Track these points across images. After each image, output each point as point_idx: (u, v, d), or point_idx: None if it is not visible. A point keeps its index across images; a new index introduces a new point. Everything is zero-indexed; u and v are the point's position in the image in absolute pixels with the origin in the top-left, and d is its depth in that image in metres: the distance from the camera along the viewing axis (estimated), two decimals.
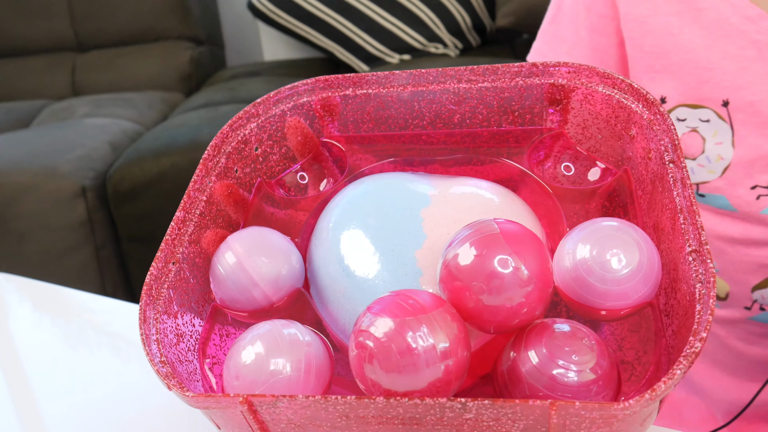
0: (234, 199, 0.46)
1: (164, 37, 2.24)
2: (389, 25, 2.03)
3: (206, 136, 1.63)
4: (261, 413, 0.32)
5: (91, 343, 0.68)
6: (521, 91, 0.47)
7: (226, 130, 0.47)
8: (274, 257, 0.41)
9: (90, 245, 1.60)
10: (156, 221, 1.60)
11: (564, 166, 0.47)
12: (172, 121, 1.81)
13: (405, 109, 0.49)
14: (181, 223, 0.42)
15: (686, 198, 0.37)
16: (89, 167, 1.63)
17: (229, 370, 0.36)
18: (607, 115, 0.45)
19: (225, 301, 0.41)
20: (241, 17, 2.42)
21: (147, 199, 1.59)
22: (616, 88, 0.45)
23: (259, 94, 1.92)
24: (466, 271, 0.34)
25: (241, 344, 0.37)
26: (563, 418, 0.30)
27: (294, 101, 0.49)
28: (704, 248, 0.34)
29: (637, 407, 0.29)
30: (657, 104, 0.42)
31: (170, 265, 0.40)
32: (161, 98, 2.10)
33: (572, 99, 0.46)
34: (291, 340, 0.36)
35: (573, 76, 0.46)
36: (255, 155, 0.48)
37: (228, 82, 2.10)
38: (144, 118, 1.95)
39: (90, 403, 0.58)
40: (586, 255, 0.36)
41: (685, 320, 0.34)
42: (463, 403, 0.30)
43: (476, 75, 0.47)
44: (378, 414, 0.31)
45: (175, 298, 0.39)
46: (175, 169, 1.57)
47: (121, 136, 1.80)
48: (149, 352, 0.36)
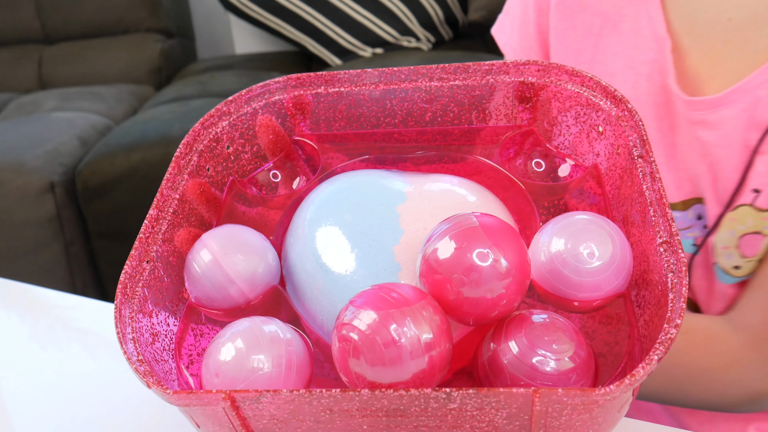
0: (206, 197, 0.46)
1: (134, 30, 2.20)
2: (362, 18, 2.03)
3: (177, 130, 1.61)
4: (243, 409, 0.32)
5: (61, 341, 0.67)
6: (492, 89, 0.47)
7: (197, 128, 0.47)
8: (250, 254, 0.41)
9: (59, 242, 1.58)
10: (127, 217, 1.58)
11: (535, 162, 0.48)
12: (142, 115, 1.79)
13: (377, 108, 0.49)
14: (154, 221, 0.41)
15: (656, 191, 0.38)
16: (58, 162, 1.60)
17: (209, 368, 0.36)
18: (576, 112, 0.46)
19: (200, 299, 0.41)
20: (212, 9, 2.40)
21: (117, 195, 1.57)
22: (585, 86, 0.45)
23: (230, 88, 1.91)
24: (446, 264, 0.35)
25: (221, 341, 0.36)
26: (546, 405, 0.30)
27: (266, 99, 0.49)
28: (675, 239, 0.35)
29: (618, 392, 0.30)
30: (625, 101, 0.43)
31: (144, 263, 0.40)
32: (131, 92, 2.07)
33: (541, 96, 0.47)
34: (271, 337, 0.36)
35: (542, 74, 0.46)
36: (227, 153, 0.48)
37: (199, 76, 2.07)
38: (113, 112, 1.92)
39: (60, 400, 0.57)
40: (561, 248, 0.37)
41: (658, 310, 0.34)
42: (448, 393, 0.30)
43: (447, 73, 0.47)
44: (362, 407, 0.31)
45: (149, 296, 0.39)
46: (146, 164, 1.56)
47: (90, 131, 1.77)
48: (126, 351, 0.35)
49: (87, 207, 1.59)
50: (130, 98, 2.03)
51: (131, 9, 2.18)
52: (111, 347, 0.64)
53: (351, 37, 2.04)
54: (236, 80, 1.97)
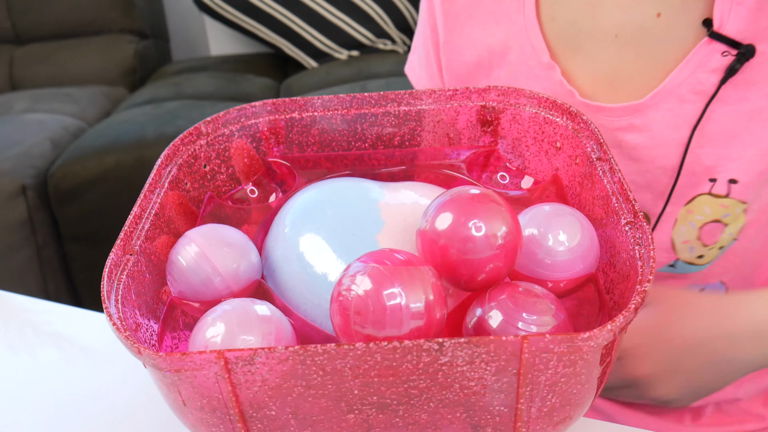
0: (184, 210, 0.48)
1: (107, 30, 2.18)
2: (337, 20, 2.03)
3: (152, 133, 1.60)
4: (235, 373, 0.33)
5: (33, 345, 0.67)
6: (456, 113, 0.51)
7: (177, 143, 0.49)
8: (235, 248, 0.43)
9: (31, 246, 1.56)
10: (100, 220, 1.57)
11: (500, 175, 0.51)
12: (116, 117, 1.77)
13: (348, 132, 0.52)
14: (138, 218, 0.43)
15: (617, 182, 0.41)
16: (29, 165, 1.58)
17: (196, 344, 0.37)
18: (535, 132, 0.49)
19: (185, 293, 0.42)
20: (187, 10, 2.38)
21: (90, 198, 1.55)
22: (542, 106, 0.49)
23: (205, 90, 1.89)
24: (445, 235, 0.37)
25: (210, 318, 0.37)
26: (533, 354, 0.31)
27: (242, 123, 0.51)
28: (639, 216, 0.38)
29: (600, 337, 0.31)
30: (579, 114, 0.46)
31: (128, 255, 0.41)
32: (104, 93, 2.05)
33: (502, 120, 0.50)
34: (261, 315, 0.37)
35: (502, 98, 0.50)
36: (204, 171, 0.50)
37: (173, 77, 2.06)
38: (86, 114, 1.90)
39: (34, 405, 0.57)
40: (534, 232, 0.40)
41: (628, 282, 0.37)
42: (440, 344, 0.31)
43: (415, 98, 0.51)
44: (355, 364, 0.32)
45: (133, 287, 0.40)
46: (120, 167, 1.54)
47: (63, 133, 1.75)
48: (115, 322, 0.36)
49: (59, 210, 1.57)
50: (103, 100, 2.01)
51: (104, 9, 2.16)
52: (84, 350, 0.64)
53: (327, 40, 2.04)
54: (211, 82, 1.96)
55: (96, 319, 0.69)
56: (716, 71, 0.54)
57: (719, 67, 0.54)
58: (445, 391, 0.33)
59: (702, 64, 0.54)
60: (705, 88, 0.54)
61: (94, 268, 1.61)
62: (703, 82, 0.54)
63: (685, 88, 0.55)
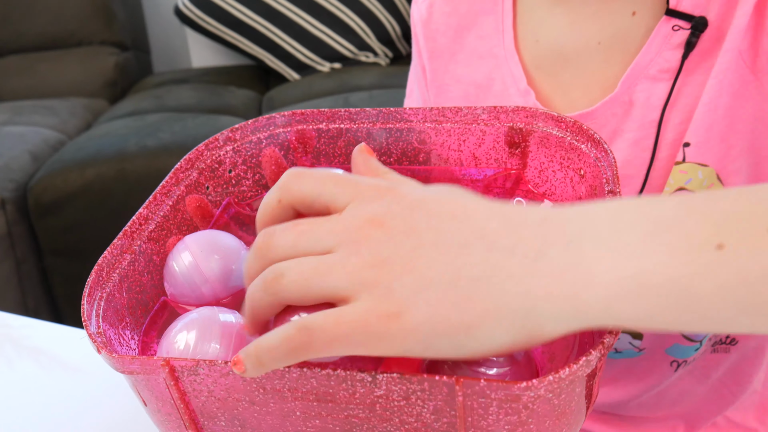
0: (202, 213, 0.49)
1: (87, 42, 2.17)
2: (319, 33, 2.03)
3: (133, 146, 1.59)
4: (182, 381, 0.33)
5: (12, 359, 0.66)
6: (482, 133, 0.50)
7: (201, 148, 0.50)
8: (226, 255, 0.43)
9: (10, 259, 1.54)
10: (81, 234, 1.55)
11: (516, 200, 0.50)
12: (96, 130, 1.76)
13: (373, 145, 0.51)
14: (143, 219, 0.44)
15: None
16: (8, 178, 1.56)
17: (162, 349, 0.38)
18: (561, 156, 0.48)
19: (175, 296, 0.43)
20: (168, 22, 2.37)
21: (71, 212, 1.54)
22: (568, 131, 0.48)
23: (188, 102, 1.89)
24: None
25: (177, 325, 0.38)
26: (469, 398, 0.30)
27: (270, 131, 0.52)
28: None
29: (541, 389, 0.29)
30: (602, 142, 0.45)
31: (125, 254, 0.41)
32: (84, 105, 2.04)
33: (530, 142, 0.49)
34: (224, 324, 0.38)
35: (530, 120, 0.49)
36: (228, 177, 0.51)
37: (155, 90, 2.05)
38: (66, 127, 1.88)
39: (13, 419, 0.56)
40: None
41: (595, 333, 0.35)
42: (373, 376, 0.31)
43: (441, 115, 0.50)
44: (293, 386, 0.32)
45: (125, 286, 0.41)
46: (101, 180, 1.53)
47: (43, 146, 1.73)
48: (86, 319, 0.36)
49: (39, 224, 1.56)
50: (84, 112, 2.00)
51: (85, 21, 2.15)
52: (64, 364, 0.64)
53: (309, 52, 2.04)
54: (193, 94, 1.95)
55: (75, 334, 0.68)
56: (679, 46, 0.55)
57: (681, 42, 0.55)
58: (386, 423, 0.33)
59: (665, 42, 0.55)
60: (672, 65, 0.55)
61: (75, 282, 1.59)
62: (669, 59, 0.55)
63: (654, 68, 0.56)
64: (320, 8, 2.02)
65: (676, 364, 0.65)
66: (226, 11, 2.05)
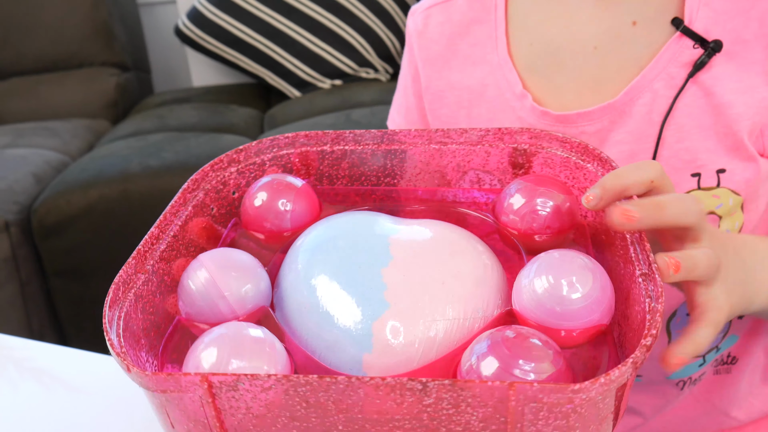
0: (208, 234, 0.49)
1: (88, 63, 2.18)
2: (319, 50, 2.04)
3: (136, 166, 1.59)
4: (219, 398, 0.32)
5: (14, 380, 0.66)
6: (487, 153, 0.50)
7: (206, 169, 0.50)
8: (243, 273, 0.43)
9: (14, 282, 1.54)
10: (84, 255, 1.55)
11: None
12: (99, 151, 1.76)
13: (377, 167, 0.52)
14: (154, 239, 0.44)
15: (635, 232, 0.41)
16: (12, 200, 1.56)
17: (188, 366, 0.37)
18: (565, 176, 0.49)
19: (191, 315, 0.43)
20: (167, 42, 2.39)
21: (75, 233, 1.54)
22: (573, 150, 0.48)
23: (190, 121, 1.89)
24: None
25: (205, 340, 0.37)
26: (521, 403, 0.31)
27: (274, 153, 0.52)
28: (653, 268, 0.37)
29: (592, 391, 0.30)
30: (609, 161, 0.46)
31: (139, 274, 0.41)
32: (86, 126, 2.04)
33: (534, 163, 0.50)
34: (255, 339, 0.37)
35: (534, 141, 0.49)
36: (232, 198, 0.51)
37: (156, 109, 2.06)
38: (69, 148, 1.89)
39: None
40: (544, 281, 0.39)
41: (637, 339, 0.36)
42: (424, 383, 0.30)
43: (446, 137, 0.50)
44: (338, 398, 0.31)
45: (139, 306, 0.40)
46: (104, 201, 1.53)
47: (46, 167, 1.74)
48: (111, 338, 0.36)
49: (43, 246, 1.55)
50: (86, 133, 2.00)
51: (85, 43, 2.16)
52: (66, 384, 0.64)
53: (309, 69, 2.05)
54: (195, 113, 1.96)
55: (76, 355, 0.68)
56: (686, 65, 0.56)
57: (689, 62, 0.56)
58: None
59: (674, 59, 0.56)
60: (676, 82, 0.56)
61: (79, 303, 1.59)
62: (675, 76, 0.56)
63: (659, 82, 0.57)
64: (320, 26, 2.03)
65: (683, 384, 0.65)
66: (226, 30, 2.05)
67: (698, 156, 0.56)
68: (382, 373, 0.38)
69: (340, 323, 0.40)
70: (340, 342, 0.40)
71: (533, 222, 0.46)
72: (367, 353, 0.39)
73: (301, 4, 2.04)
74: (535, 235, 0.46)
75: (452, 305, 0.40)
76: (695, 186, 0.58)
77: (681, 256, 0.40)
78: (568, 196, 0.46)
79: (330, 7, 2.04)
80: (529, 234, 0.47)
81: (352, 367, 0.39)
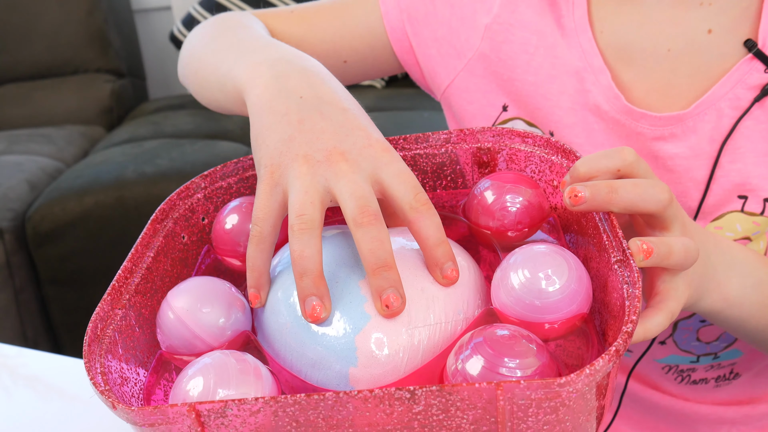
0: (183, 263, 0.48)
1: (83, 70, 2.18)
2: None
3: (131, 173, 1.59)
4: (208, 426, 0.32)
5: (8, 387, 0.66)
6: (452, 156, 0.51)
7: (174, 198, 0.49)
8: (217, 306, 0.42)
9: (8, 289, 1.53)
10: (80, 263, 1.55)
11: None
12: (94, 158, 1.76)
13: None
14: (128, 272, 0.43)
15: (608, 219, 0.42)
16: (6, 207, 1.56)
17: (175, 398, 0.37)
18: (531, 170, 0.50)
19: (171, 348, 0.42)
20: (162, 49, 2.39)
21: (70, 240, 1.53)
22: (536, 145, 0.49)
23: (185, 128, 1.89)
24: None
25: (189, 372, 0.37)
26: (510, 401, 0.31)
27: (239, 175, 0.52)
28: (627, 254, 0.38)
29: (579, 383, 0.31)
30: (573, 152, 0.47)
31: (117, 309, 0.41)
32: (81, 133, 2.04)
33: (498, 160, 0.50)
34: (240, 368, 0.37)
35: (497, 139, 0.50)
36: (202, 224, 0.51)
37: (151, 116, 2.06)
38: (63, 155, 1.88)
39: None
40: (521, 276, 0.39)
41: (617, 326, 0.36)
42: (412, 392, 0.31)
43: (409, 143, 0.51)
44: (328, 414, 0.32)
45: (120, 341, 0.40)
46: (99, 208, 1.53)
47: (40, 174, 1.73)
48: (93, 377, 0.36)
49: (38, 253, 1.55)
50: (81, 140, 2.00)
51: (80, 50, 2.16)
52: (60, 392, 0.64)
53: None
54: (190, 120, 1.96)
55: (70, 363, 0.68)
56: (754, 89, 0.56)
57: (757, 85, 0.56)
58: None
59: (742, 80, 0.56)
60: (742, 103, 0.56)
61: (73, 311, 1.58)
62: (741, 98, 0.56)
63: (725, 102, 0.56)
64: None
65: (668, 368, 0.65)
66: None
67: (749, 180, 0.56)
68: (369, 385, 0.38)
69: (322, 340, 0.40)
70: (325, 358, 0.40)
71: (504, 218, 0.46)
72: (353, 367, 0.39)
73: None
74: (508, 232, 0.47)
75: (433, 310, 0.40)
76: (738, 207, 0.58)
77: (656, 242, 0.40)
78: (536, 190, 0.47)
79: None
80: (502, 231, 0.47)
81: (339, 382, 0.39)
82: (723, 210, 0.58)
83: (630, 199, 0.41)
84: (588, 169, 0.42)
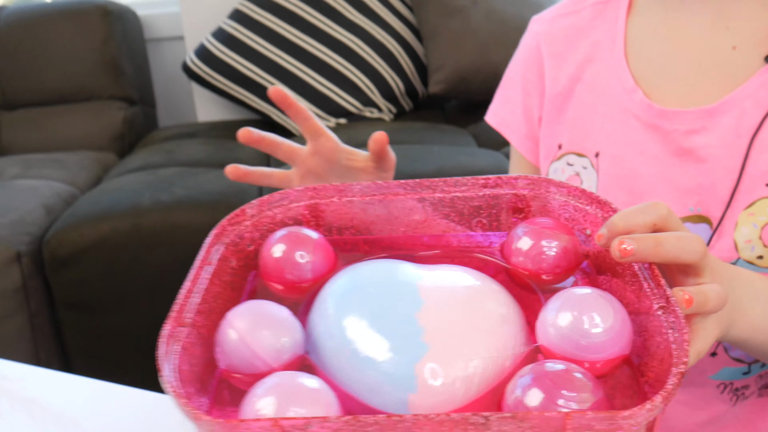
0: (233, 286, 0.51)
1: (96, 97, 2.21)
2: (324, 89, 2.09)
3: (148, 200, 1.61)
4: None
5: (5, 411, 0.66)
6: (488, 200, 0.54)
7: (224, 223, 0.52)
8: (276, 328, 0.45)
9: (24, 312, 1.55)
10: (95, 288, 1.57)
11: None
12: (108, 185, 1.79)
13: (384, 216, 0.55)
14: (188, 293, 0.45)
15: (647, 267, 0.44)
16: (24, 232, 1.58)
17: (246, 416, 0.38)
18: (565, 219, 0.53)
19: (230, 367, 0.44)
20: (173, 77, 2.42)
21: (86, 265, 1.55)
22: (570, 195, 0.52)
23: (198, 157, 1.92)
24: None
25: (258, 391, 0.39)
26: (576, 431, 0.33)
27: (284, 205, 0.55)
28: (671, 301, 0.41)
29: (640, 416, 0.33)
30: (608, 204, 0.50)
31: (180, 328, 0.43)
32: (93, 159, 2.07)
33: (533, 207, 0.54)
34: (310, 388, 0.39)
35: (532, 186, 0.53)
36: (248, 251, 0.53)
37: (163, 144, 2.09)
38: (77, 180, 1.91)
39: None
40: (569, 314, 0.42)
41: (662, 368, 0.39)
42: (486, 417, 0.33)
43: (449, 185, 0.54)
44: None
45: (185, 359, 0.42)
46: (116, 234, 1.55)
47: (56, 199, 1.76)
48: (177, 390, 0.37)
49: (54, 277, 1.57)
50: (93, 165, 2.03)
51: (93, 76, 2.19)
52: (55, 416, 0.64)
53: (314, 108, 2.09)
54: (202, 148, 1.99)
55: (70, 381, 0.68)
56: None
57: None
58: None
59: (764, 85, 0.63)
60: (764, 103, 0.63)
61: (88, 335, 1.60)
62: (763, 98, 0.63)
63: (749, 102, 0.63)
64: (326, 66, 2.08)
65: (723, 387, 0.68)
66: (234, 68, 2.10)
67: None
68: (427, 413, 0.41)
69: (381, 366, 0.43)
70: (383, 384, 0.42)
71: (542, 262, 0.50)
72: (412, 393, 0.42)
73: (308, 44, 2.09)
74: (543, 275, 0.50)
75: (485, 344, 0.43)
76: (766, 194, 0.63)
77: (694, 291, 0.43)
78: (571, 237, 0.50)
79: (336, 48, 2.09)
80: (538, 274, 0.50)
81: (398, 407, 0.42)
82: (753, 198, 0.63)
83: (674, 253, 0.44)
84: (626, 224, 0.45)
